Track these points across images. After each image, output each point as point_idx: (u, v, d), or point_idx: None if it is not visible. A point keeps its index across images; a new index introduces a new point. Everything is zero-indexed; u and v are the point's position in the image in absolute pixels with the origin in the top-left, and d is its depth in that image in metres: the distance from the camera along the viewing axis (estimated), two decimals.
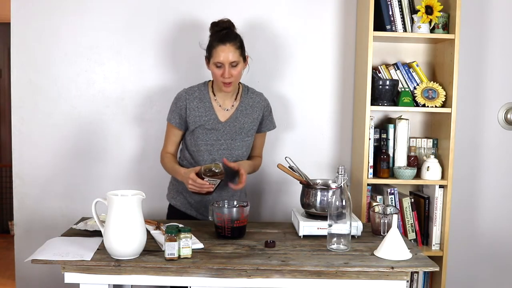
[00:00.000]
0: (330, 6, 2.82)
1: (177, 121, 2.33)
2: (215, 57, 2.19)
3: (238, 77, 2.25)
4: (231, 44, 2.19)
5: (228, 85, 2.23)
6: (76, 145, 2.80)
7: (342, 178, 1.91)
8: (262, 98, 2.41)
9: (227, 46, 2.18)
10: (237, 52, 2.20)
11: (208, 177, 2.12)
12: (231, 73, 2.20)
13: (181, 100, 2.31)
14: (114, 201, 1.74)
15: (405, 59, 2.84)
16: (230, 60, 2.18)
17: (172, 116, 2.34)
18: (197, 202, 2.36)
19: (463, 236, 2.97)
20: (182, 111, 2.31)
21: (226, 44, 2.18)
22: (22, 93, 2.77)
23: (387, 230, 1.96)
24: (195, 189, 2.15)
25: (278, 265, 1.74)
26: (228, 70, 2.19)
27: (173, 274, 1.75)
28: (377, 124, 2.86)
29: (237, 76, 2.23)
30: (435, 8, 2.57)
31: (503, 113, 2.95)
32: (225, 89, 2.24)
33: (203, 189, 2.14)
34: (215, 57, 2.19)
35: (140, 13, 2.77)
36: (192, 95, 2.32)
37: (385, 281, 1.75)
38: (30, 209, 2.81)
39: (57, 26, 2.75)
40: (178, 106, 2.32)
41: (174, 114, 2.33)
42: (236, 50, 2.20)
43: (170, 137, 2.38)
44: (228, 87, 2.24)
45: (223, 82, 2.22)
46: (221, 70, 2.20)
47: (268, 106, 2.43)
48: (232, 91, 2.28)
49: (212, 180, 2.12)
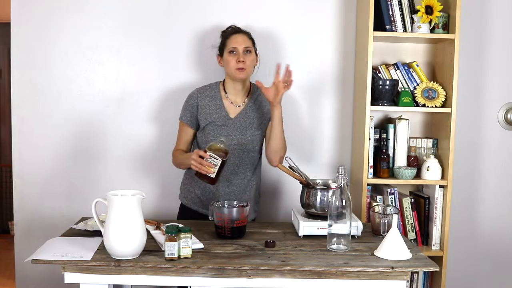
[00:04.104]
0: (330, 6, 2.82)
1: (188, 118, 2.39)
2: (230, 44, 2.33)
3: (251, 66, 2.34)
4: (244, 34, 2.37)
5: (242, 70, 2.29)
6: (76, 145, 2.80)
7: (342, 178, 1.91)
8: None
9: (241, 35, 2.35)
10: (250, 42, 2.36)
11: (211, 151, 2.09)
12: (245, 58, 2.29)
13: (193, 98, 2.39)
14: (114, 201, 1.74)
15: (405, 59, 2.84)
16: (245, 45, 2.31)
17: (183, 114, 2.41)
18: (208, 199, 2.37)
19: (463, 236, 2.97)
20: (193, 109, 2.38)
21: (240, 33, 2.36)
22: (22, 93, 2.77)
23: (387, 230, 1.96)
24: (196, 165, 2.10)
25: (278, 265, 1.74)
26: (242, 55, 2.30)
27: (173, 274, 1.75)
28: (377, 124, 2.86)
29: (250, 65, 2.32)
30: (435, 8, 2.57)
31: (503, 113, 2.95)
32: (239, 75, 2.30)
33: (203, 167, 2.09)
34: (229, 44, 2.33)
35: (140, 13, 2.77)
36: (203, 94, 2.39)
37: (385, 281, 1.75)
38: (30, 209, 2.81)
39: (57, 26, 2.75)
40: (189, 104, 2.39)
41: (186, 112, 2.40)
42: (249, 40, 2.37)
43: (182, 136, 2.44)
44: (241, 73, 2.30)
45: (237, 69, 2.29)
46: (236, 56, 2.30)
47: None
48: (245, 78, 2.33)
49: (214, 158, 2.08)
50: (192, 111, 2.38)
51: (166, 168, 2.79)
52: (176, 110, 2.63)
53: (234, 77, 2.32)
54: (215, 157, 2.09)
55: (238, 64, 2.28)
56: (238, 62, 2.28)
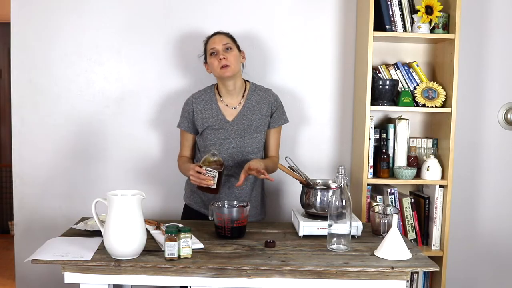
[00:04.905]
0: (330, 6, 2.82)
1: (186, 125, 2.41)
2: (209, 46, 2.34)
3: (235, 63, 2.30)
4: (222, 34, 2.37)
5: (225, 68, 2.28)
6: (76, 145, 2.80)
7: (342, 178, 1.91)
8: (270, 94, 2.43)
9: (218, 35, 2.36)
10: (229, 39, 2.35)
11: (205, 166, 2.13)
12: (226, 55, 2.28)
13: (188, 105, 2.41)
14: (114, 201, 1.74)
15: (405, 59, 2.84)
16: (223, 43, 2.31)
17: (181, 121, 2.44)
18: (210, 199, 2.37)
19: (463, 236, 2.97)
20: (190, 115, 2.39)
21: (217, 34, 2.37)
22: (22, 93, 2.77)
23: (387, 230, 1.96)
24: (195, 180, 2.15)
25: (278, 265, 1.74)
26: (223, 53, 2.29)
27: (173, 274, 1.75)
28: (377, 124, 2.86)
29: (233, 61, 2.30)
30: (435, 8, 2.57)
31: (503, 113, 2.95)
32: (225, 73, 2.28)
33: (203, 181, 2.12)
34: (208, 47, 2.35)
35: (140, 13, 2.77)
36: (198, 99, 2.40)
37: (385, 281, 1.75)
38: (30, 209, 2.81)
39: (57, 26, 2.75)
40: (185, 111, 2.41)
41: (183, 119, 2.43)
42: (228, 37, 2.36)
43: (183, 142, 2.47)
44: (226, 70, 2.28)
45: (221, 68, 2.28)
46: (217, 56, 2.30)
47: (277, 102, 2.44)
48: (231, 75, 2.30)
49: (210, 171, 2.12)
50: (189, 117, 2.39)
51: (168, 168, 2.79)
52: (176, 110, 2.63)
53: (221, 76, 2.31)
54: (211, 170, 2.13)
55: (220, 62, 2.28)
56: (220, 60, 2.28)
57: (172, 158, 2.68)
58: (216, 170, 2.13)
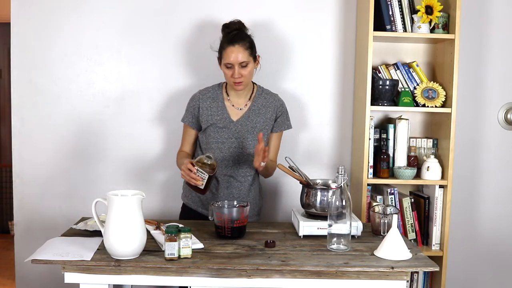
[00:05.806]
0: (330, 6, 2.82)
1: (190, 120, 2.40)
2: (225, 58, 2.26)
3: (249, 76, 2.30)
4: (240, 45, 2.25)
5: (239, 84, 2.28)
6: (76, 145, 2.80)
7: (342, 178, 1.91)
8: (276, 98, 2.44)
9: (236, 47, 2.24)
10: (247, 53, 2.26)
11: (198, 166, 2.13)
12: (241, 73, 2.26)
13: (194, 100, 2.40)
14: (114, 201, 1.74)
15: (405, 59, 2.85)
16: (239, 61, 2.24)
17: (185, 115, 2.43)
18: (208, 198, 2.37)
19: (463, 236, 2.97)
20: (195, 111, 2.38)
21: (235, 45, 2.24)
22: (22, 93, 2.77)
23: (387, 230, 1.96)
24: (185, 176, 2.15)
25: (278, 265, 1.74)
26: (238, 71, 2.25)
27: (173, 274, 1.75)
28: (377, 124, 2.86)
29: (248, 76, 2.28)
30: (435, 8, 2.57)
31: (503, 113, 2.95)
32: (237, 88, 2.30)
33: (191, 178, 2.12)
34: (225, 58, 2.26)
35: (140, 13, 2.77)
36: (205, 95, 2.39)
37: (385, 281, 1.75)
38: (30, 209, 2.81)
39: (57, 26, 2.75)
40: (191, 106, 2.40)
41: (188, 113, 2.42)
42: (246, 51, 2.26)
43: (185, 137, 2.46)
44: (238, 86, 2.29)
45: (233, 82, 2.27)
46: (231, 71, 2.26)
47: (282, 107, 2.44)
48: (243, 89, 2.32)
49: (201, 172, 2.12)
50: (194, 112, 2.39)
51: (168, 168, 2.79)
52: (176, 109, 2.63)
53: (232, 87, 2.33)
54: (202, 172, 2.13)
55: (234, 79, 2.26)
56: (235, 77, 2.25)
57: (172, 158, 2.68)
58: (207, 173, 2.13)
